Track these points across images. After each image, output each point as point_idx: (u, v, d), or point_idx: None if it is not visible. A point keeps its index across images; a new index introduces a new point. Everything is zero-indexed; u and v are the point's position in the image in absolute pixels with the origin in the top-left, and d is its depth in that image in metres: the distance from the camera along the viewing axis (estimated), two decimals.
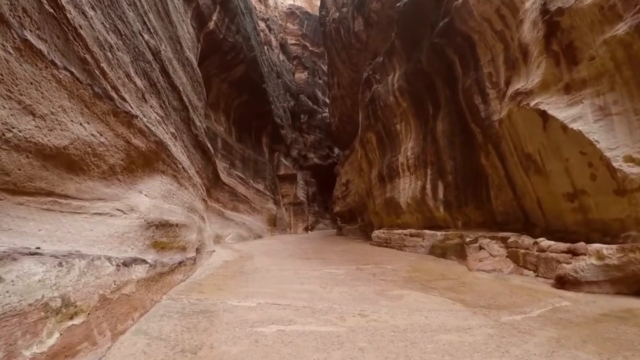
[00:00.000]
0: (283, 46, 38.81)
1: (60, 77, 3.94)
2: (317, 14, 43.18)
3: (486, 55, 10.57)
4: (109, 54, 5.26)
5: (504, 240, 9.10)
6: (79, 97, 4.26)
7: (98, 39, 4.96)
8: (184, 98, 10.52)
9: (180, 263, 5.91)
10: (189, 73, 12.39)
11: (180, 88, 10.23)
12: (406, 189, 14.02)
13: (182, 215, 6.68)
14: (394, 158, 15.04)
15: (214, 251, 10.38)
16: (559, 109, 7.92)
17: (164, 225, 5.47)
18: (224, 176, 18.58)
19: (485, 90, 10.37)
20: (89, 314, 2.92)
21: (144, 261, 4.32)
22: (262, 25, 33.96)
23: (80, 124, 4.15)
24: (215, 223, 15.52)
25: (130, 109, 5.47)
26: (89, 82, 4.48)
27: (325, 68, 44.33)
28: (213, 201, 16.16)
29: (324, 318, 3.97)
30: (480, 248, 9.47)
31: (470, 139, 11.15)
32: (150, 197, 5.52)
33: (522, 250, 8.24)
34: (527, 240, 8.48)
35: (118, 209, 4.41)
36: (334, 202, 32.06)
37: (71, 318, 2.73)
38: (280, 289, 5.55)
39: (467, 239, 9.88)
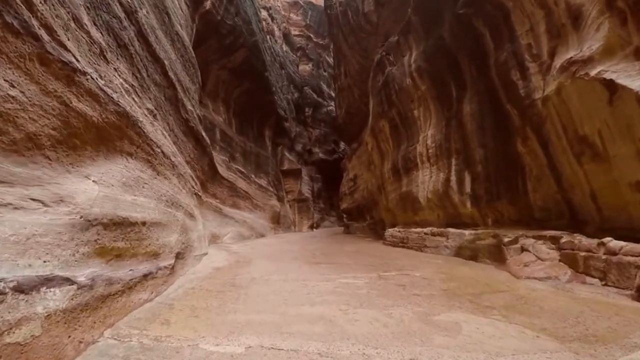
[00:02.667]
0: (286, 36, 37.20)
1: None
2: (321, 4, 41.65)
3: (524, 24, 8.96)
4: None
5: (554, 240, 7.52)
6: None
7: None
8: (171, 75, 9.02)
9: (145, 276, 4.38)
10: (179, 50, 10.89)
11: (166, 63, 8.74)
12: (426, 182, 12.42)
13: (155, 211, 5.16)
14: (411, 148, 13.43)
15: (205, 254, 8.83)
16: (631, 77, 6.38)
17: (119, 224, 3.94)
18: (222, 170, 17.04)
19: (525, 64, 8.77)
20: None
21: (68, 280, 2.81)
22: (264, 13, 32.39)
23: None
24: (212, 221, 14.01)
25: (73, 60, 3.95)
26: None
27: (330, 60, 42.73)
28: (210, 196, 14.64)
29: None
30: (523, 250, 7.90)
31: (504, 123, 9.55)
32: (103, 184, 3.99)
33: (582, 253, 6.67)
34: (585, 240, 6.91)
35: (33, 199, 2.89)
36: (340, 198, 30.50)
37: None
38: (283, 316, 4.01)
39: (506, 239, 8.30)
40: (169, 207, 5.94)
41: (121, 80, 5.52)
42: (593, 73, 6.80)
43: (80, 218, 3.27)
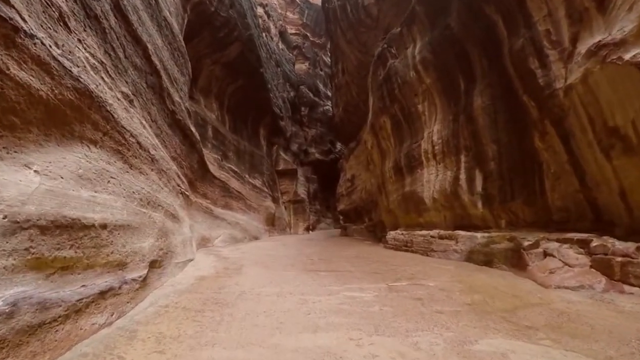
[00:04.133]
0: (282, 34, 36.37)
1: None
2: (318, 3, 40.89)
3: (541, 10, 8.23)
4: None
5: (582, 244, 6.75)
6: None
7: None
8: (155, 61, 8.15)
9: (103, 293, 3.48)
10: (167, 37, 10.02)
11: (149, 46, 7.87)
12: (432, 181, 11.60)
13: (122, 211, 4.27)
14: (415, 145, 12.62)
15: (190, 260, 7.89)
16: None
17: (66, 227, 3.07)
18: (214, 169, 16.11)
19: (544, 51, 8.03)
20: None
21: None
22: (260, 10, 31.55)
23: None
24: (201, 223, 13.06)
25: (16, 17, 3.10)
26: None
27: (327, 60, 41.99)
28: (199, 197, 13.69)
29: None
30: (546, 254, 7.11)
31: (519, 116, 8.80)
32: (48, 175, 3.13)
33: (618, 259, 5.90)
34: (619, 244, 6.16)
35: None
36: (337, 199, 29.65)
37: None
38: (277, 351, 3.06)
39: (526, 243, 7.51)
40: (143, 207, 5.05)
41: (87, 54, 4.65)
42: (627, 57, 6.09)
43: (4, 219, 2.41)
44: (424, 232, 11.41)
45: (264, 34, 28.31)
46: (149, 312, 4.12)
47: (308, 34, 42.85)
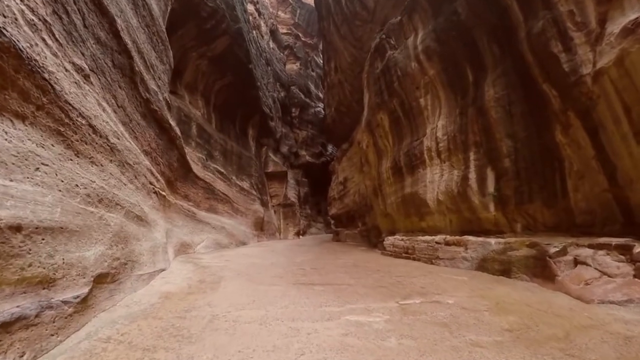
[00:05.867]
0: (274, 33, 35.35)
1: None
2: (311, 3, 40.05)
3: None
4: None
5: (622, 250, 5.83)
6: None
7: None
8: (125, 39, 7.04)
9: (6, 325, 2.32)
10: (143, 18, 8.92)
11: (119, 21, 6.76)
12: (436, 181, 10.62)
13: (52, 209, 3.15)
14: (417, 142, 11.63)
15: (161, 270, 6.68)
16: None
17: None
18: (197, 169, 14.91)
19: (568, 33, 7.13)
20: None
21: None
22: (251, 8, 30.51)
23: None
24: (182, 227, 11.85)
25: None
26: None
27: (319, 61, 41.16)
28: (180, 198, 12.48)
29: None
30: (577, 262, 6.16)
31: (538, 108, 7.93)
32: None
33: None
34: None
35: None
36: (329, 203, 28.58)
37: None
38: None
39: (552, 250, 6.54)
40: (90, 205, 3.91)
41: (23, 6, 3.55)
42: None
43: None
44: (427, 237, 10.41)
45: (254, 31, 27.26)
46: (79, 349, 2.94)
47: (300, 34, 41.96)
